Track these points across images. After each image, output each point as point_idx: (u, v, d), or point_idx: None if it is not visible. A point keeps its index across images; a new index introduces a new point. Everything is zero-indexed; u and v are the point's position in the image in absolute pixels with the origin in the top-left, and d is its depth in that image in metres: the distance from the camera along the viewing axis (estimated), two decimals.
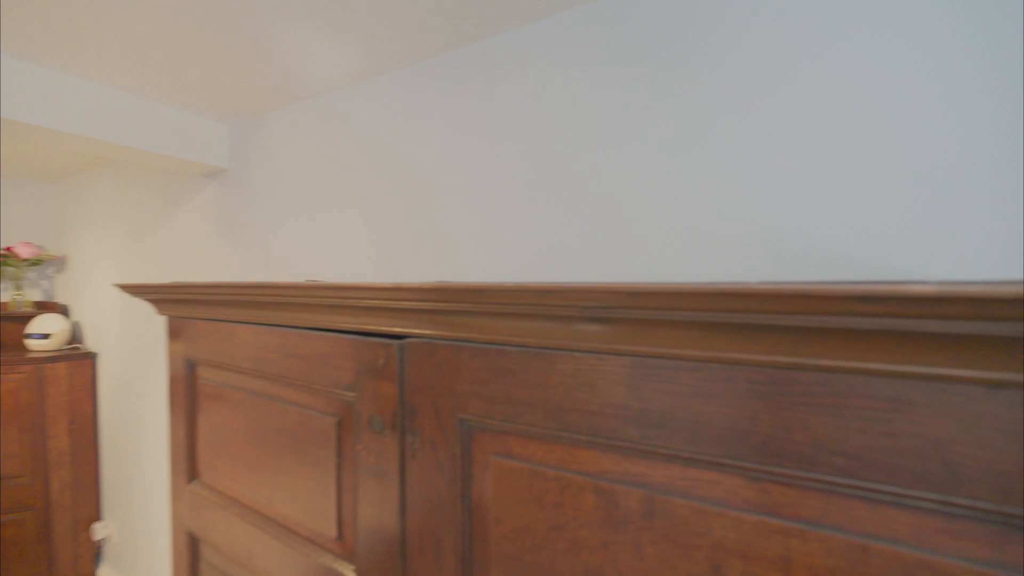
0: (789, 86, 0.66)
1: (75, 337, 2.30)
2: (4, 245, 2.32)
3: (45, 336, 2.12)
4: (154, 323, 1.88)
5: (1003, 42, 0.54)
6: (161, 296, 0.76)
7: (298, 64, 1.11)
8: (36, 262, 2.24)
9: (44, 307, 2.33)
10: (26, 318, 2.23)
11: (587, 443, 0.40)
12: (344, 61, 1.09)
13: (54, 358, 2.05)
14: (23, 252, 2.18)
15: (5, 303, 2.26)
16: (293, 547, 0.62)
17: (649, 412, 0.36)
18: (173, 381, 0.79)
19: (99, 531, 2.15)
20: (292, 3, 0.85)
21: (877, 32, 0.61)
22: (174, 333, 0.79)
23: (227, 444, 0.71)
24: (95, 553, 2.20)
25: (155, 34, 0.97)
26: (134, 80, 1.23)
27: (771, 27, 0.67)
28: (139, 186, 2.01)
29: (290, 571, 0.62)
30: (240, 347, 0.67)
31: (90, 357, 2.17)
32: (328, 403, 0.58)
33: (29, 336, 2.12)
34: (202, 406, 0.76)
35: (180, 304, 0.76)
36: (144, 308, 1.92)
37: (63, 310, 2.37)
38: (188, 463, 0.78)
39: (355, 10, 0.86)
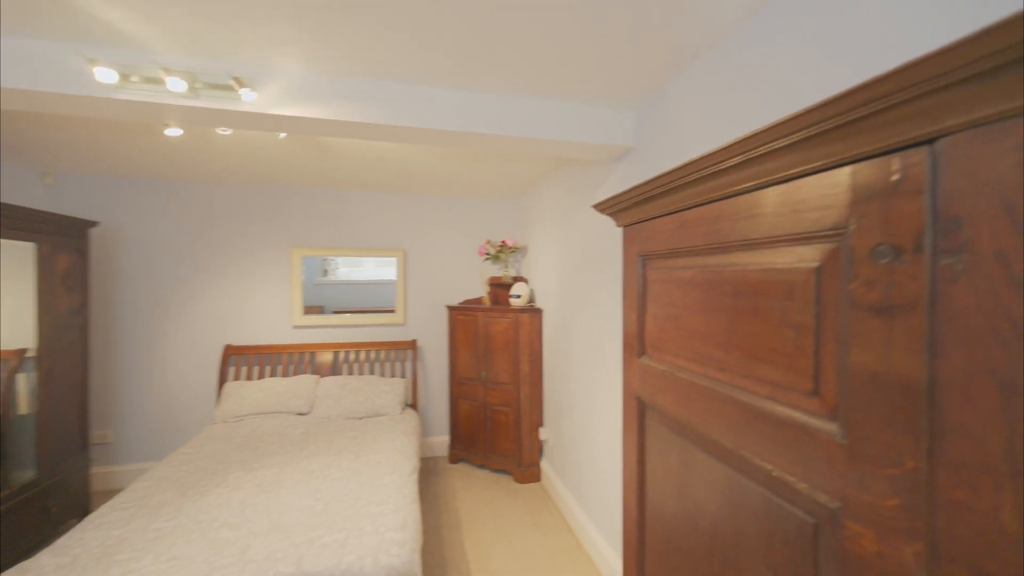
0: None
1: (531, 298, 3.35)
2: (499, 240, 3.70)
3: (518, 296, 3.21)
4: (574, 295, 2.48)
5: None
6: (621, 205, 0.97)
7: (685, 16, 1.17)
8: (514, 249, 3.44)
9: (517, 279, 3.54)
10: (509, 285, 3.46)
11: None
12: None
13: (522, 310, 3.07)
14: (510, 243, 3.40)
15: (500, 276, 3.59)
16: (750, 403, 0.63)
17: None
18: (627, 277, 1.00)
19: (542, 434, 3.03)
20: None
21: None
22: (629, 238, 0.99)
23: (675, 319, 0.82)
24: (539, 448, 3.13)
25: (587, 58, 1.27)
26: (576, 92, 1.66)
27: None
28: (565, 188, 2.70)
29: (744, 427, 0.64)
30: (691, 228, 0.76)
31: (539, 312, 3.11)
32: (800, 253, 0.56)
33: (511, 296, 3.27)
34: (651, 293, 0.91)
35: (634, 208, 0.94)
36: (565, 280, 2.56)
37: (526, 280, 3.52)
38: (638, 342, 0.96)
39: None
